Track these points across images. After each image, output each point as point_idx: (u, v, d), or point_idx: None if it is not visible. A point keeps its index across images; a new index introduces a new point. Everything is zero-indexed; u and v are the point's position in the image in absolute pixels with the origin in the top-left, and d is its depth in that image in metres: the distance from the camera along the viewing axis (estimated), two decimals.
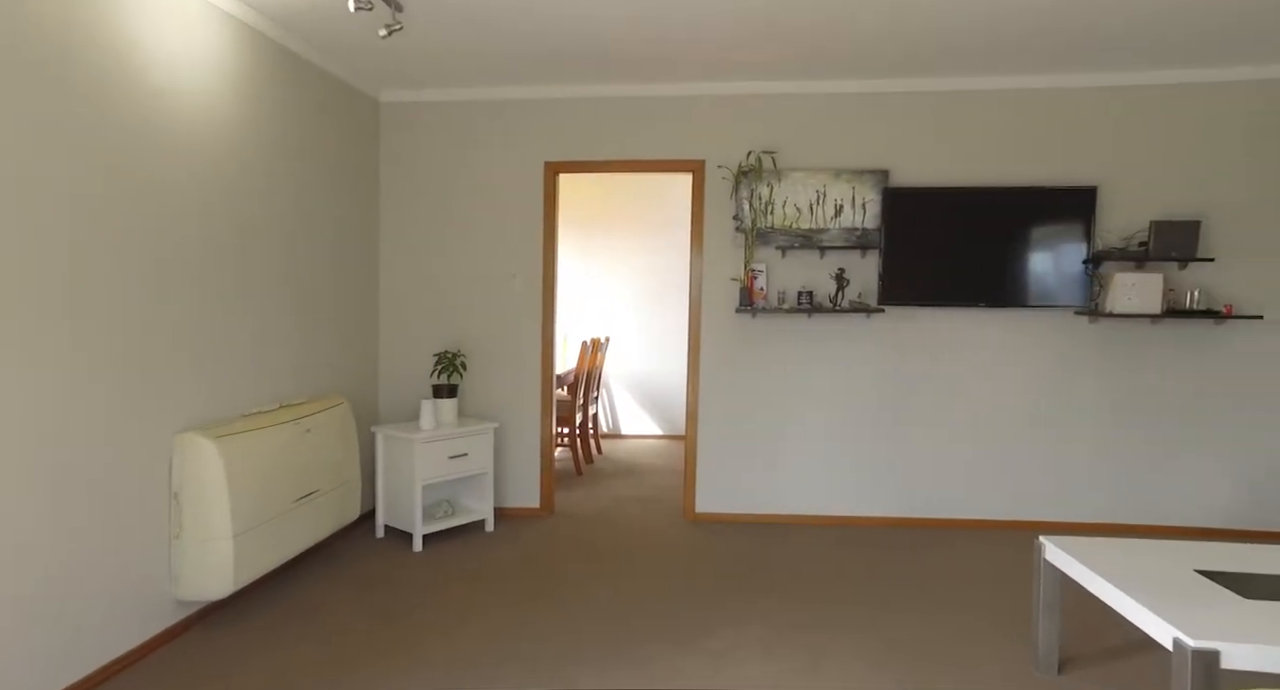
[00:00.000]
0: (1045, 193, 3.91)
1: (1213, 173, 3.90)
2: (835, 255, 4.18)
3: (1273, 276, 3.88)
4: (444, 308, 4.39)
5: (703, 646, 2.73)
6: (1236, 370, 3.93)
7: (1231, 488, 3.97)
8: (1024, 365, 4.08)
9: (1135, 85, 3.92)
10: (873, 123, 4.11)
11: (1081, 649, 2.69)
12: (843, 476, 4.24)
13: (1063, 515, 4.10)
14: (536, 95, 4.26)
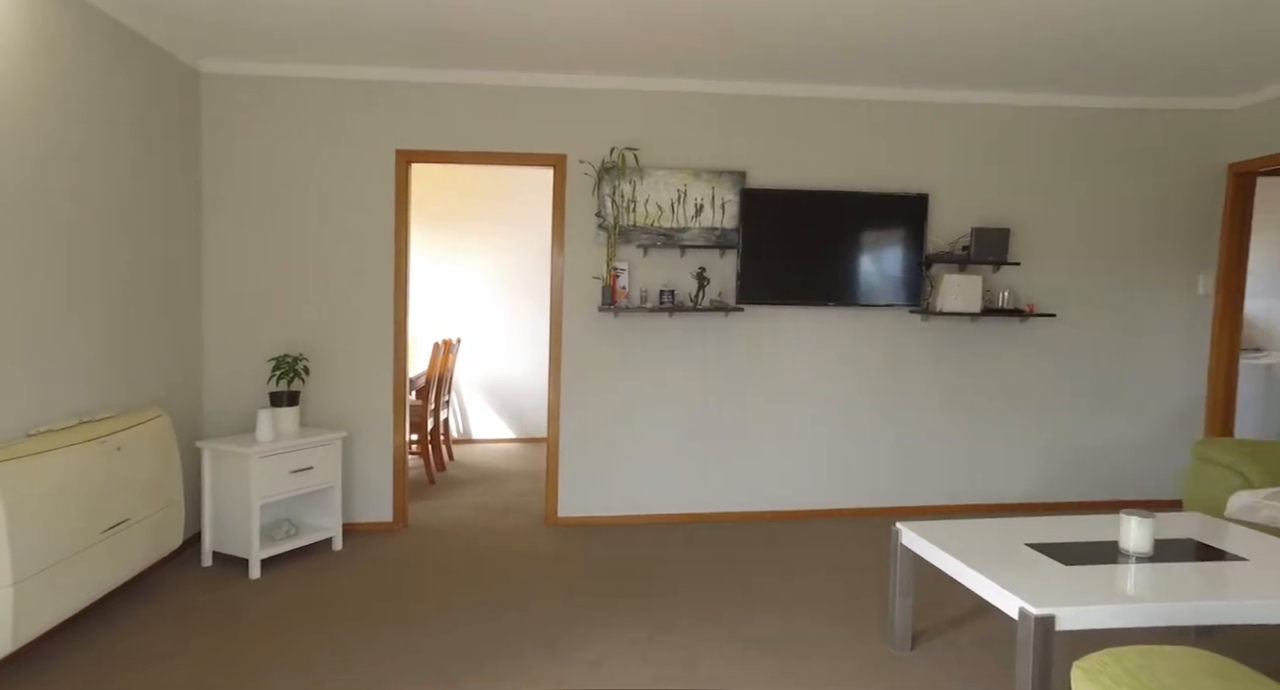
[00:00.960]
0: (885, 199, 4.20)
1: (1020, 186, 4.37)
2: (696, 254, 4.24)
3: (1063, 280, 4.41)
4: (282, 307, 3.99)
5: (577, 657, 2.66)
6: (1036, 363, 4.43)
7: (1034, 466, 4.47)
8: (868, 361, 4.36)
9: (962, 104, 4.30)
10: (732, 124, 4.22)
11: (927, 623, 2.90)
12: (705, 474, 4.32)
13: (903, 500, 4.43)
14: (389, 77, 3.97)
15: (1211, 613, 1.99)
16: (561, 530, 4.13)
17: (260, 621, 2.93)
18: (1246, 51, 3.55)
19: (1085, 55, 3.61)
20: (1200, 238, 4.47)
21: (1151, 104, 4.37)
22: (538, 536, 4.02)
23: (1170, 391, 4.53)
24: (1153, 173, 4.43)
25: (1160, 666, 1.36)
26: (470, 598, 3.17)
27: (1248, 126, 4.32)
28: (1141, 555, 2.29)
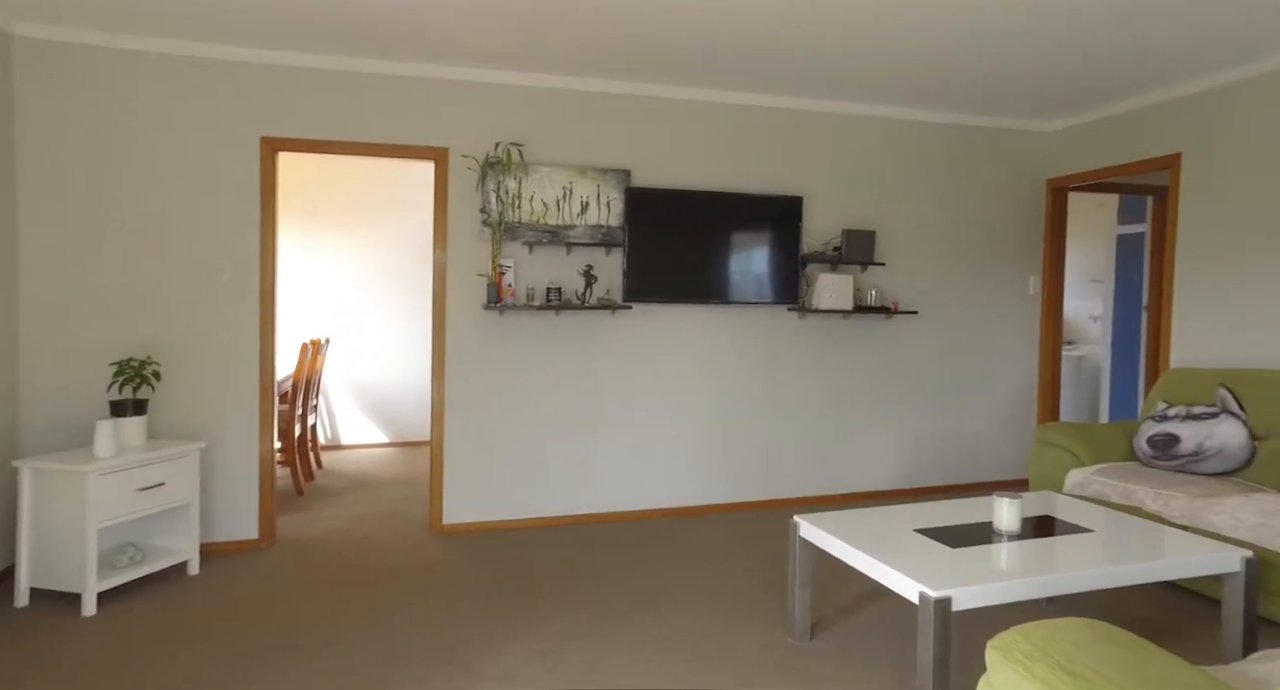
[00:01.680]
0: (764, 200, 4.36)
1: (883, 192, 4.68)
2: (582, 252, 4.20)
3: (923, 280, 4.78)
4: (127, 306, 3.54)
5: (483, 672, 2.57)
6: (901, 357, 4.78)
7: (901, 454, 4.83)
8: (749, 357, 4.51)
9: (833, 113, 4.54)
10: (617, 123, 4.21)
11: (822, 612, 3.05)
12: (595, 473, 4.31)
13: (784, 492, 4.63)
14: (254, 58, 3.62)
15: (1077, 582, 2.23)
16: (449, 537, 3.97)
17: (101, 667, 2.58)
18: (1063, 84, 4.02)
19: (937, 78, 3.93)
20: (1029, 244, 5.00)
21: (989, 123, 4.83)
22: (424, 545, 3.84)
23: (1011, 381, 5.04)
24: (990, 184, 4.89)
25: (1062, 638, 1.50)
26: (355, 616, 2.97)
27: (1062, 147, 4.88)
28: (1012, 533, 2.53)
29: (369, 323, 6.32)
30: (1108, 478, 3.46)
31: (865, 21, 3.19)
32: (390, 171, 6.26)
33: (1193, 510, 3.09)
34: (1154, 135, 4.28)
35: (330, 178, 6.15)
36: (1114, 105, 4.46)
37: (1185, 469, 3.49)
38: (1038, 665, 1.45)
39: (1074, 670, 1.42)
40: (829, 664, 2.62)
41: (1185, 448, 3.50)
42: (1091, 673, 1.40)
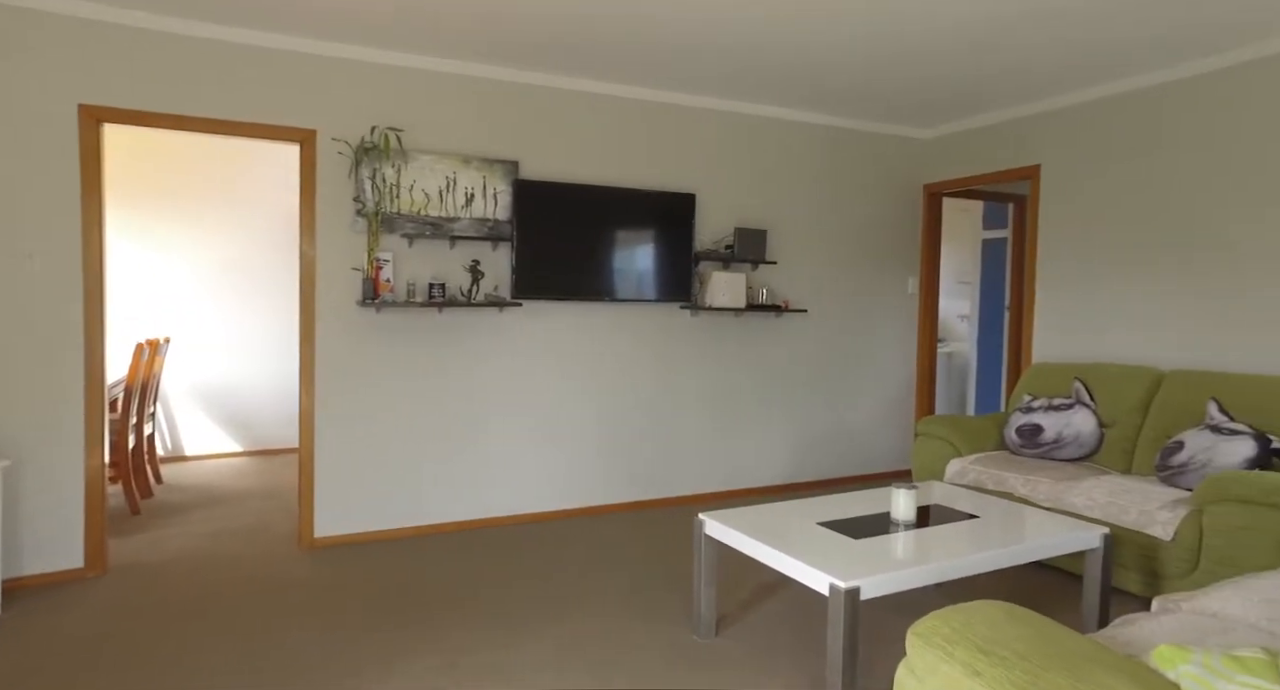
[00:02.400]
0: (657, 196, 4.30)
1: (775, 191, 4.75)
2: (468, 246, 3.98)
3: (812, 279, 4.89)
4: None
5: None
6: (791, 354, 4.86)
7: (791, 448, 4.91)
8: (642, 355, 4.43)
9: (726, 111, 4.55)
10: (504, 112, 4.02)
11: (725, 608, 2.99)
12: (482, 477, 4.08)
13: (680, 489, 4.58)
14: (73, 10, 3.15)
15: (971, 565, 2.28)
16: (321, 552, 3.62)
17: None
18: (938, 95, 4.22)
19: (825, 81, 4.02)
20: (908, 246, 5.24)
21: (873, 128, 5.02)
22: (292, 562, 3.48)
23: (892, 377, 5.24)
24: (873, 187, 5.08)
25: (977, 621, 1.49)
26: (215, 650, 2.61)
27: (938, 154, 5.16)
28: (908, 523, 2.57)
29: (217, 320, 5.74)
30: (983, 466, 3.63)
31: (756, 20, 3.20)
32: (247, 153, 5.74)
33: (1055, 493, 3.29)
34: (1018, 147, 4.58)
35: (177, 158, 5.56)
36: (983, 117, 4.74)
37: (1048, 456, 3.72)
38: (957, 648, 1.43)
39: (990, 651, 1.40)
40: (737, 659, 2.55)
41: (1048, 436, 3.73)
42: (1006, 652, 1.39)
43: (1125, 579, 3.05)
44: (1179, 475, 3.13)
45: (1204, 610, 2.02)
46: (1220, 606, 2.01)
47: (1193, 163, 3.71)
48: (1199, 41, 3.37)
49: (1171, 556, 2.87)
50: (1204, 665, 1.34)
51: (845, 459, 5.09)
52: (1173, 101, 3.78)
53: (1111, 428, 3.67)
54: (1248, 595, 2.03)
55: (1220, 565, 2.75)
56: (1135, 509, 2.98)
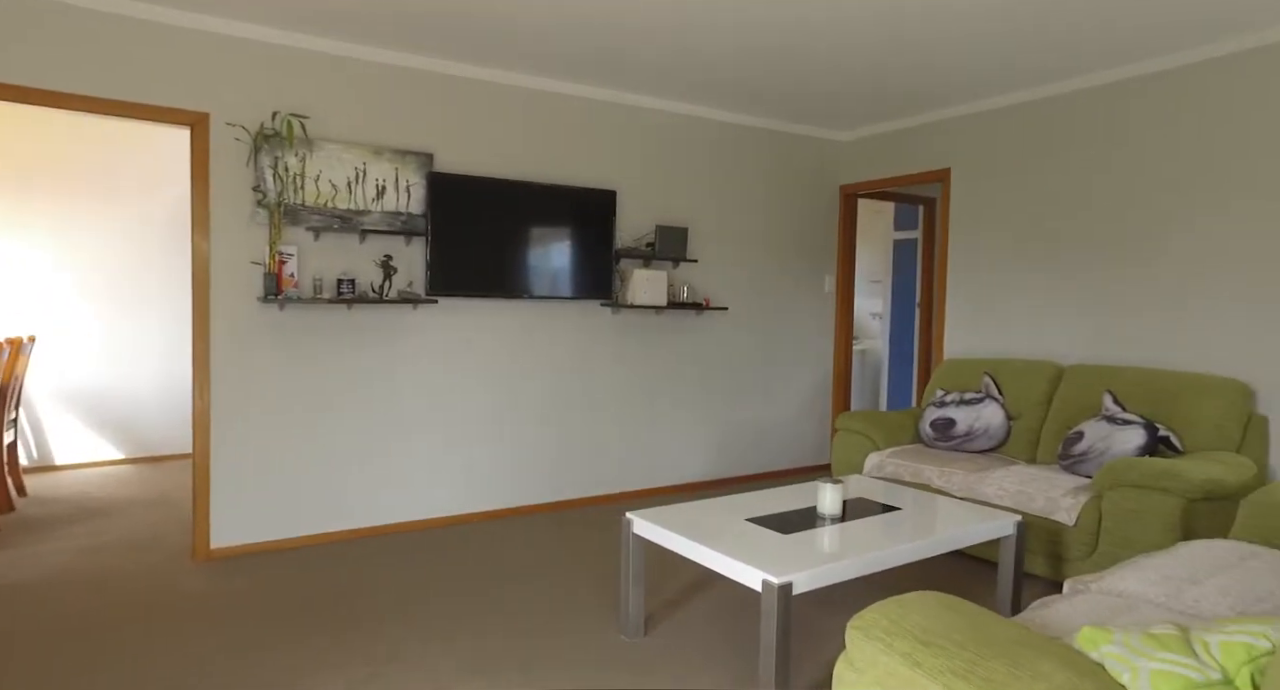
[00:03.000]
0: (577, 192, 4.21)
1: (695, 189, 4.74)
2: (379, 240, 3.79)
3: (733, 278, 4.91)
4: None
5: None
6: (712, 352, 4.87)
7: (713, 445, 4.91)
8: (563, 353, 4.34)
9: (647, 108, 4.51)
10: (417, 102, 3.85)
11: (652, 607, 2.94)
12: (402, 479, 3.88)
13: (601, 488, 4.50)
14: None
15: (898, 556, 2.31)
16: (219, 564, 3.35)
17: None
18: (854, 99, 4.32)
19: (746, 82, 4.04)
20: (825, 245, 5.35)
21: (793, 129, 5.10)
22: (186, 576, 3.20)
23: (810, 374, 5.34)
24: (792, 187, 5.16)
25: (914, 612, 1.49)
26: (99, 676, 2.36)
27: (854, 156, 5.29)
28: (835, 517, 2.59)
29: (92, 317, 5.27)
30: (900, 459, 3.73)
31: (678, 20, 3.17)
32: (134, 137, 5.30)
33: (969, 484, 3.40)
34: (930, 150, 4.75)
35: (49, 139, 5.07)
36: (899, 121, 4.89)
37: (960, 448, 3.86)
38: (897, 640, 1.42)
39: (929, 641, 1.40)
40: (668, 658, 2.50)
41: (960, 429, 3.87)
42: (944, 641, 1.40)
43: (1033, 563, 3.19)
44: (1080, 463, 3.29)
45: (1110, 590, 2.11)
46: (1124, 585, 2.10)
47: (1092, 168, 3.93)
48: (1101, 54, 3.57)
49: (1074, 540, 3.02)
50: (1124, 644, 1.38)
51: (766, 455, 5.14)
52: (1076, 109, 3.99)
53: (1018, 420, 3.84)
54: (1146, 574, 2.14)
55: (1117, 546, 2.90)
56: (1042, 497, 3.12)
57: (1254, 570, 2.13)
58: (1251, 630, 1.29)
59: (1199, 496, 2.78)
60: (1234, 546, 2.31)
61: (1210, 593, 1.99)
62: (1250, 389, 3.30)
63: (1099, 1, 2.98)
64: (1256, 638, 1.27)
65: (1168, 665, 1.30)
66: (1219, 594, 1.98)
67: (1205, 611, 1.93)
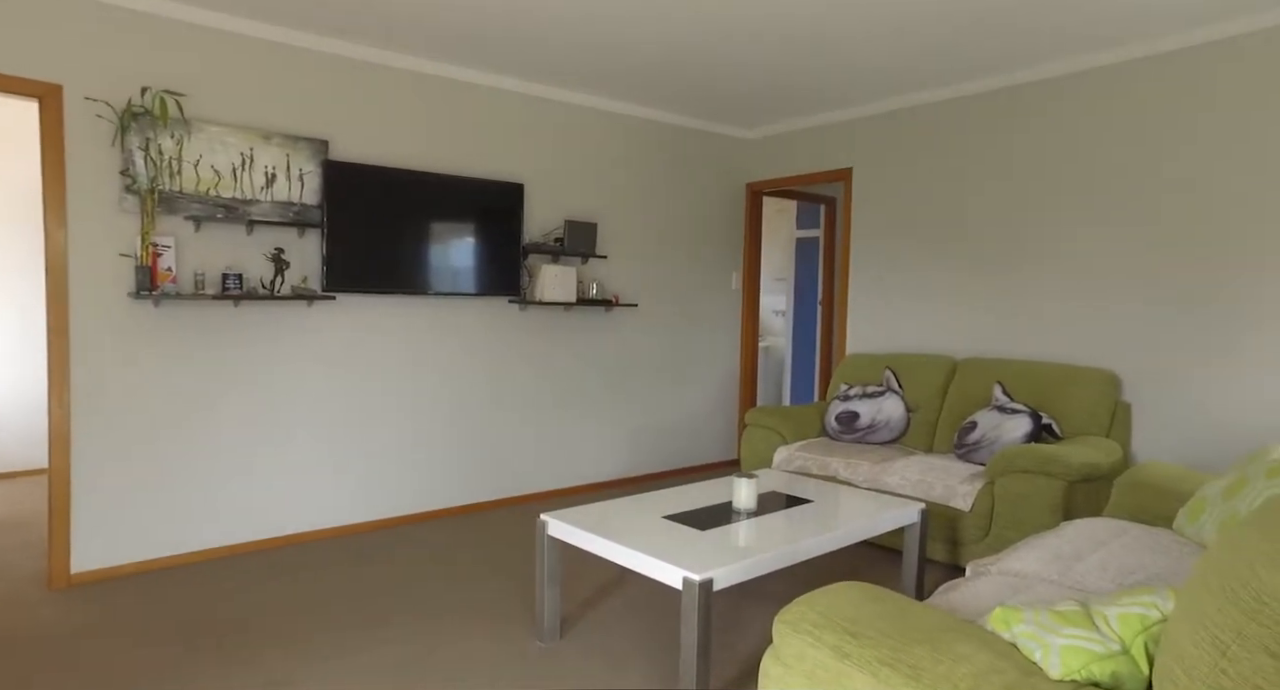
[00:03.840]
0: (484, 185, 4.08)
1: (604, 184, 4.69)
2: (270, 232, 3.54)
3: (642, 274, 4.90)
4: None
5: None
6: (622, 349, 4.84)
7: (624, 444, 4.88)
8: (469, 351, 4.19)
9: (555, 100, 4.42)
10: (311, 85, 3.61)
11: (567, 609, 2.87)
12: (296, 487, 3.64)
13: (512, 490, 4.38)
14: None
15: (813, 548, 2.34)
16: (81, 591, 3.02)
17: None
18: (760, 97, 4.40)
19: (657, 77, 4.03)
20: (732, 243, 5.42)
21: (701, 125, 5.13)
22: (41, 607, 2.86)
23: (718, 370, 5.40)
24: (701, 184, 5.20)
25: (841, 604, 1.50)
26: None
27: (759, 154, 5.39)
28: (750, 511, 2.60)
29: None
30: (808, 453, 3.82)
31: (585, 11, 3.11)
32: None
33: (873, 474, 3.52)
34: (832, 150, 4.89)
35: None
36: (803, 120, 5.00)
37: (864, 440, 4.00)
38: (826, 633, 1.42)
39: (856, 631, 1.41)
40: (585, 661, 2.44)
41: (863, 422, 4.01)
42: (871, 631, 1.41)
43: (933, 548, 3.33)
44: (974, 451, 3.47)
45: (1008, 570, 2.22)
46: (1019, 566, 2.22)
47: (986, 172, 4.15)
48: (995, 59, 3.77)
49: (970, 524, 3.17)
50: (1035, 622, 1.43)
51: (677, 451, 5.16)
52: (971, 113, 4.20)
53: (917, 412, 4.02)
54: (1037, 554, 2.27)
55: (1008, 529, 3.07)
56: (940, 485, 3.26)
57: (1126, 545, 2.29)
58: (1143, 601, 1.37)
59: (1078, 479, 2.98)
60: (1109, 524, 2.48)
61: (1093, 568, 2.13)
62: (1118, 378, 3.58)
63: (990, 8, 3.14)
64: (1148, 608, 1.34)
65: (1074, 640, 1.35)
66: (1100, 569, 2.12)
67: (1090, 585, 2.06)
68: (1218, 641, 1.02)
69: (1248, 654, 0.98)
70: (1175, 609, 1.20)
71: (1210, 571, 1.10)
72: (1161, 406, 3.50)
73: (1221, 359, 3.32)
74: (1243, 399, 3.27)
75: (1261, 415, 3.22)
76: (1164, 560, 2.15)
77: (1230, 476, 2.36)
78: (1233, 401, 3.30)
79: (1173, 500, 2.59)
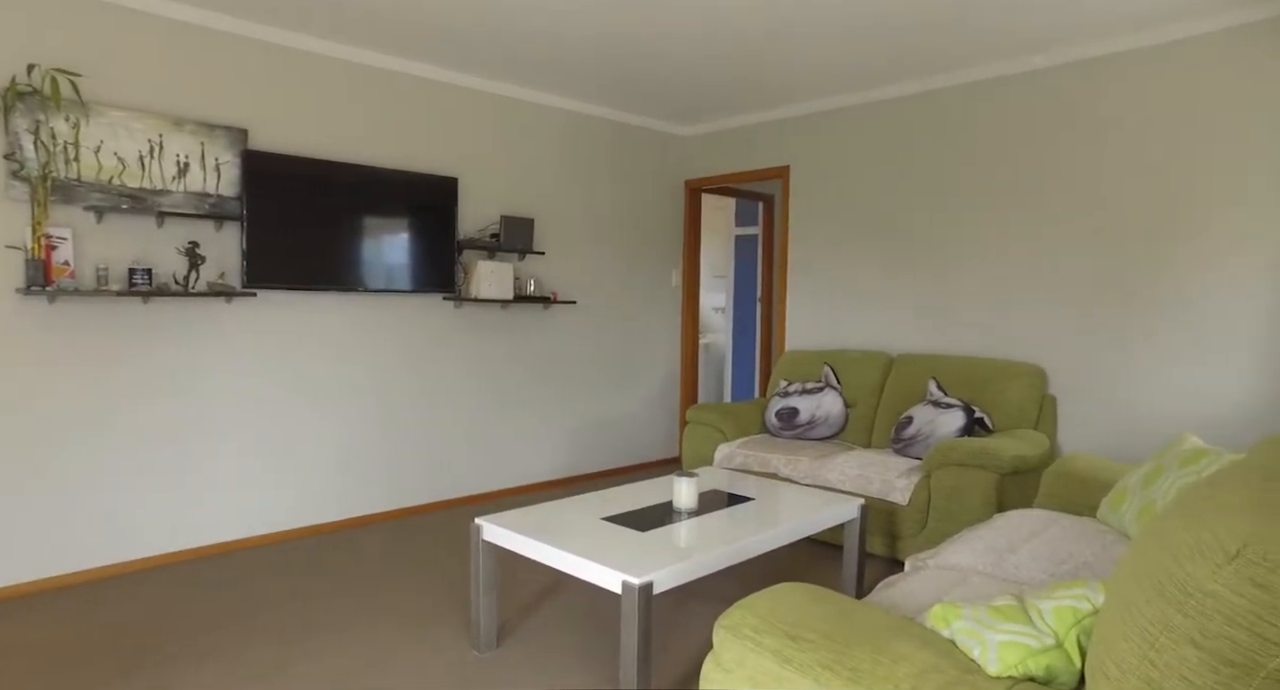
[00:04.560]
0: (416, 178, 3.93)
1: (542, 179, 4.59)
2: (183, 225, 3.32)
3: (581, 271, 4.82)
4: None
5: None
6: (560, 347, 4.75)
7: (563, 443, 4.79)
8: (402, 350, 4.04)
9: (491, 93, 4.29)
10: (228, 69, 3.41)
11: (504, 615, 2.77)
12: (219, 496, 3.43)
13: (449, 493, 4.24)
14: None
15: (756, 546, 2.31)
16: None
17: None
18: (698, 94, 4.37)
19: (595, 71, 3.95)
20: (672, 239, 5.39)
21: (640, 121, 5.07)
22: None
23: (658, 367, 5.36)
24: (640, 180, 5.15)
25: (782, 606, 1.46)
26: None
27: (698, 151, 5.37)
28: (691, 511, 2.56)
29: None
30: (749, 450, 3.81)
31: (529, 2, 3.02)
32: None
33: (813, 470, 3.54)
34: (770, 148, 4.90)
35: None
36: (741, 117, 5.00)
37: (803, 436, 4.01)
38: (766, 637, 1.38)
39: (797, 635, 1.38)
40: (524, 669, 2.36)
41: (803, 418, 4.02)
42: (812, 634, 1.38)
43: (872, 542, 3.36)
44: (910, 446, 3.52)
45: (945, 565, 2.23)
46: (956, 559, 2.24)
47: (920, 172, 4.21)
48: (930, 60, 3.82)
49: (907, 518, 3.21)
50: (973, 618, 1.43)
51: (617, 450, 5.10)
52: (907, 114, 4.26)
53: (855, 407, 4.05)
54: (972, 546, 2.29)
55: (943, 522, 3.12)
56: (879, 479, 3.29)
57: (1055, 535, 2.34)
58: (1075, 593, 1.37)
59: (1009, 471, 3.04)
60: (1040, 515, 2.53)
61: (1025, 559, 2.16)
62: (1044, 373, 3.68)
63: (926, 10, 3.17)
64: (1079, 600, 1.35)
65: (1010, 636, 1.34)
66: (1032, 560, 2.15)
67: (1024, 576, 2.09)
68: (1146, 633, 1.01)
69: (1174, 645, 0.98)
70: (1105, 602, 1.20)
71: (1136, 564, 1.09)
72: (1084, 399, 3.62)
73: (1136, 352, 3.45)
74: (1157, 390, 3.40)
75: (1175, 405, 3.36)
76: (1091, 549, 2.20)
77: (1148, 466, 2.43)
78: (1148, 393, 3.43)
79: (1096, 490, 2.66)
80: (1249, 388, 3.18)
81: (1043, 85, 3.70)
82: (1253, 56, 3.14)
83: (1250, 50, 3.14)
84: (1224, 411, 3.24)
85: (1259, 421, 3.16)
